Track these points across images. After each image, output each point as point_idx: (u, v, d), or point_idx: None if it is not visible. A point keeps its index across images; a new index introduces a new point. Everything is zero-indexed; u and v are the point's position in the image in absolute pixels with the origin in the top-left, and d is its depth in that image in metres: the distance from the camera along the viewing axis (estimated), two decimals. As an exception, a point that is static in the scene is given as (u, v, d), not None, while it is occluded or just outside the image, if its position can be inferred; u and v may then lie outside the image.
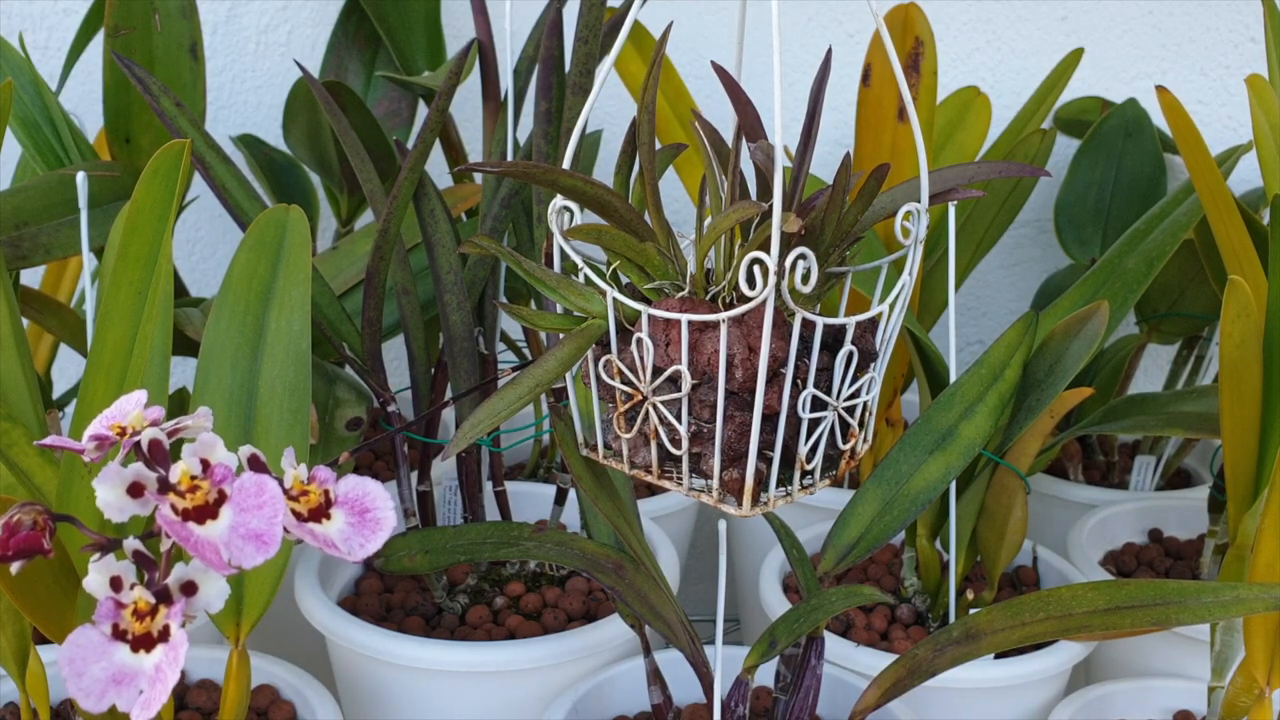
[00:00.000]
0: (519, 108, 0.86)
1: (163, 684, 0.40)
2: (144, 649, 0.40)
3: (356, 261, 0.93)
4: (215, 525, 0.40)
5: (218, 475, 0.41)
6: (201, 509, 0.40)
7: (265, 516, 0.40)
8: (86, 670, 0.40)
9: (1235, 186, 0.92)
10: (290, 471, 0.42)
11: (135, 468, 0.41)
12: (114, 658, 0.40)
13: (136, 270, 0.59)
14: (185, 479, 0.41)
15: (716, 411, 0.50)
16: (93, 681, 0.40)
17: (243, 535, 0.40)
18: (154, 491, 0.41)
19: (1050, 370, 0.78)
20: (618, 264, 0.53)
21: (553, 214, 0.53)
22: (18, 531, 0.41)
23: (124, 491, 0.40)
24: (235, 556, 0.40)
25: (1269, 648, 0.70)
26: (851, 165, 0.51)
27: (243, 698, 0.68)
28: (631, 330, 0.51)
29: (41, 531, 0.41)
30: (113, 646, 0.40)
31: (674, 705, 0.77)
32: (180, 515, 0.40)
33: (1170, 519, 1.06)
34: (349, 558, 0.42)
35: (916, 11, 0.93)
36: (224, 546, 0.40)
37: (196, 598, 0.41)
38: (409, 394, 0.89)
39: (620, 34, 0.52)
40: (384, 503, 0.43)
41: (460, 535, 0.78)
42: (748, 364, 0.49)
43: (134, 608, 0.41)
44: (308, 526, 0.42)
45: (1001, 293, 1.28)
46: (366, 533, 0.42)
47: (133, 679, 0.40)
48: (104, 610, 0.41)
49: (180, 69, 0.88)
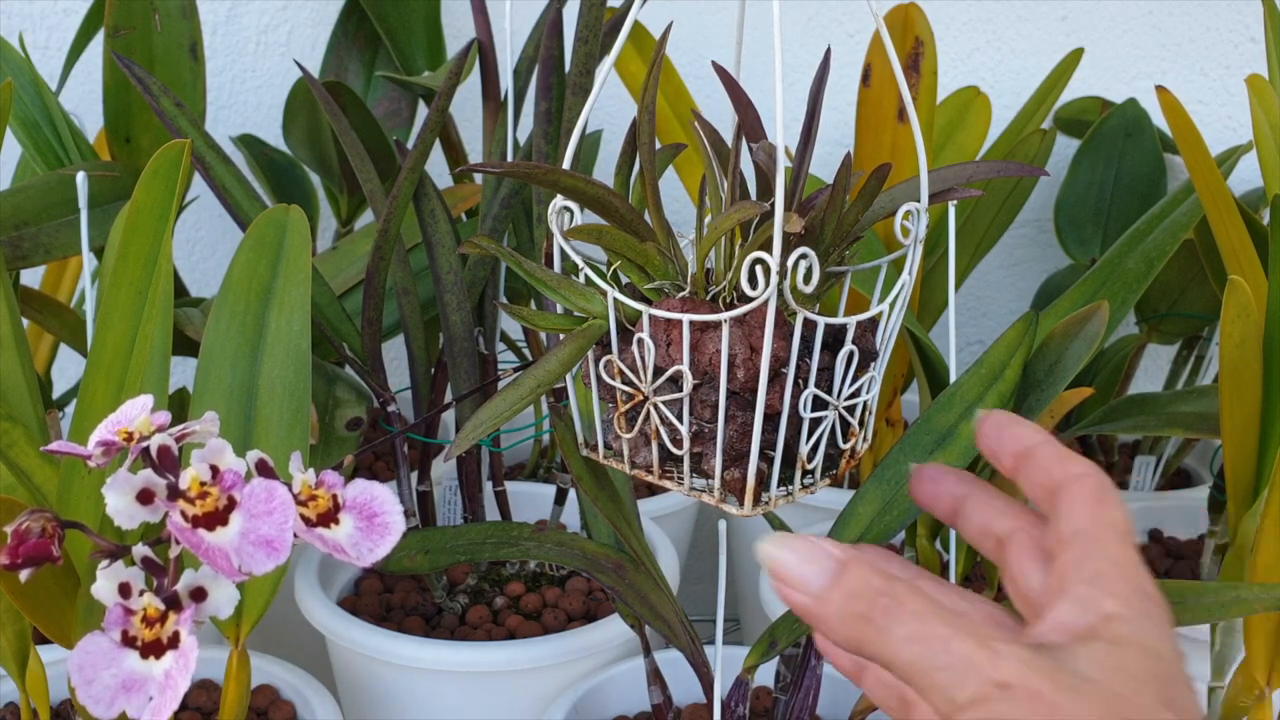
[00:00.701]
0: (519, 108, 0.86)
1: (173, 690, 0.40)
2: (153, 655, 0.40)
3: (356, 261, 0.93)
4: (225, 531, 0.40)
5: (227, 481, 0.41)
6: (211, 515, 0.40)
7: (275, 523, 0.40)
8: (96, 677, 0.40)
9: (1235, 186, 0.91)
10: (298, 476, 0.42)
11: (145, 474, 0.41)
12: (123, 664, 0.40)
13: (136, 270, 0.59)
14: (195, 485, 0.41)
15: (718, 411, 0.50)
16: (102, 688, 0.40)
17: (253, 541, 0.40)
18: (164, 498, 0.41)
19: (1050, 370, 0.78)
20: (618, 264, 0.53)
21: (553, 214, 0.53)
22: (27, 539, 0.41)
23: (134, 498, 0.40)
24: (246, 563, 0.40)
25: (1269, 648, 0.70)
26: (852, 165, 0.51)
27: (243, 698, 0.68)
28: (632, 330, 0.51)
29: (50, 539, 0.41)
30: (122, 653, 0.40)
31: (674, 705, 0.77)
32: (190, 522, 0.40)
33: (1170, 519, 1.06)
34: (358, 562, 0.42)
35: (916, 11, 0.93)
36: (234, 553, 0.40)
37: (206, 603, 0.41)
38: (409, 394, 0.89)
39: (620, 34, 0.52)
40: (392, 507, 0.43)
41: (460, 535, 0.77)
42: (749, 364, 0.49)
43: (143, 614, 0.41)
44: (316, 531, 0.42)
45: (1001, 293, 1.28)
46: (375, 537, 0.42)
47: (142, 685, 0.40)
48: (113, 617, 0.41)
49: (180, 69, 0.88)
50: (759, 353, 0.49)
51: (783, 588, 0.41)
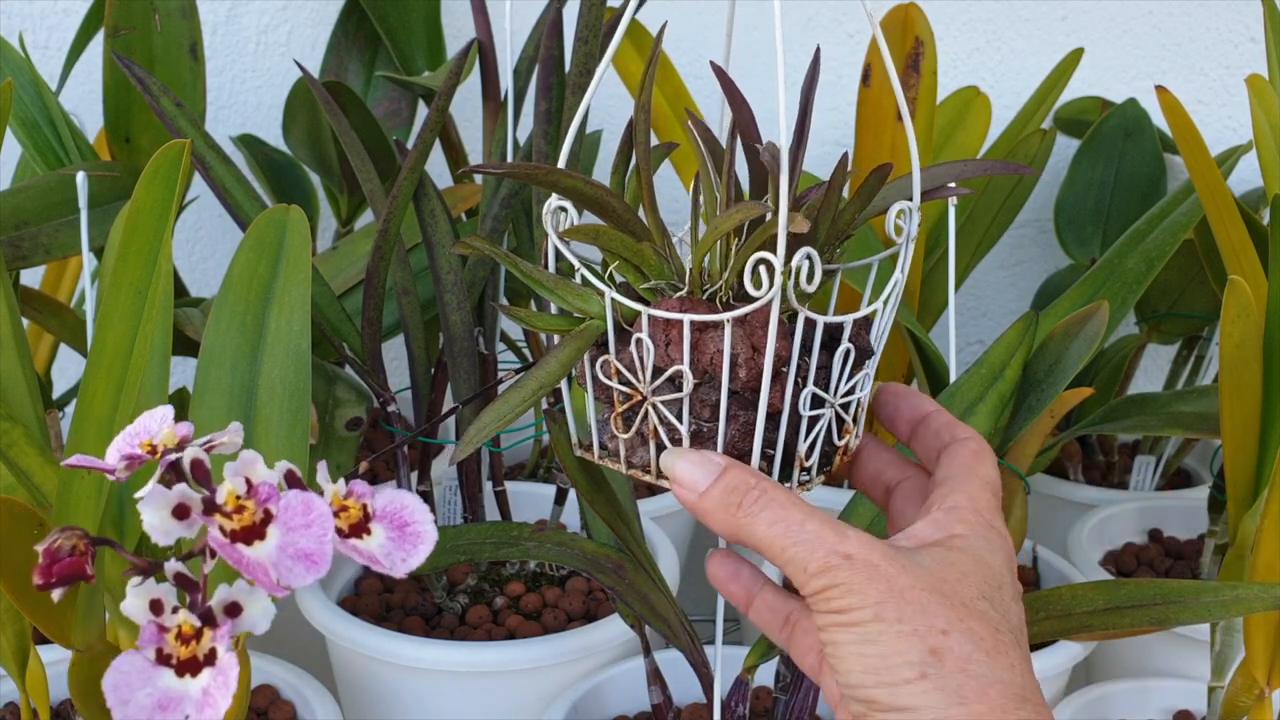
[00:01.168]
0: (519, 108, 0.86)
1: (213, 709, 0.39)
2: (189, 673, 0.40)
3: (356, 261, 0.93)
4: (264, 546, 0.39)
5: (263, 494, 0.40)
6: (249, 530, 0.40)
7: (314, 535, 0.40)
8: (131, 697, 0.39)
9: (1235, 186, 0.92)
10: (328, 487, 0.41)
11: (180, 489, 0.40)
12: (159, 683, 0.39)
13: (136, 270, 0.59)
14: (231, 499, 0.40)
15: (719, 411, 0.50)
16: (138, 708, 0.39)
17: (291, 555, 0.39)
18: (199, 513, 0.40)
19: (1050, 370, 0.78)
20: (615, 264, 0.53)
21: (548, 214, 0.53)
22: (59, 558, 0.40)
23: (169, 514, 0.40)
24: (284, 577, 0.39)
25: (1269, 648, 0.70)
26: (849, 164, 0.51)
27: (243, 698, 0.68)
28: (629, 330, 0.51)
29: (83, 557, 0.41)
30: (157, 672, 0.40)
31: (674, 705, 0.77)
32: (228, 537, 0.39)
33: (1170, 519, 1.06)
34: (393, 572, 0.41)
35: (916, 11, 0.93)
36: (272, 567, 0.39)
37: (241, 618, 0.41)
38: (409, 394, 0.89)
39: (616, 34, 0.52)
40: (423, 515, 0.42)
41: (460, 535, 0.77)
42: (751, 363, 0.49)
43: (177, 631, 0.40)
44: (350, 543, 0.41)
45: (1001, 293, 1.28)
46: (408, 546, 0.42)
47: (179, 704, 0.39)
48: (147, 635, 0.40)
49: (180, 69, 0.88)
50: (761, 352, 0.49)
51: (677, 489, 0.49)
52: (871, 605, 0.44)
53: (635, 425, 0.51)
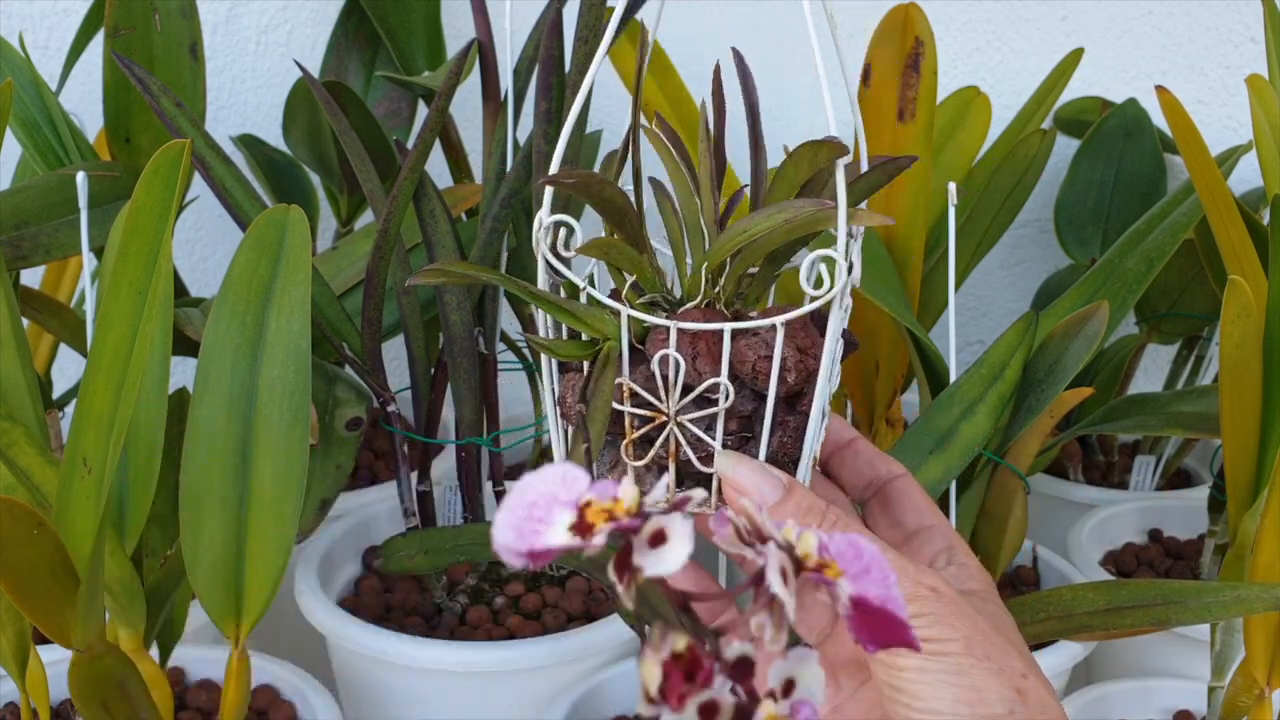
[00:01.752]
0: (519, 108, 0.86)
1: None
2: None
3: (356, 261, 0.92)
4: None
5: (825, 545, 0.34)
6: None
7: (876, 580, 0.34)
8: None
9: (1235, 186, 0.91)
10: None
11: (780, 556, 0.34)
12: None
13: (136, 270, 0.59)
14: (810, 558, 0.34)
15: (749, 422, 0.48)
16: None
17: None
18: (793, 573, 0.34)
19: (1050, 370, 0.78)
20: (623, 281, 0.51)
21: (541, 230, 0.50)
22: None
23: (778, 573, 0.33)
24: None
25: (1269, 648, 0.70)
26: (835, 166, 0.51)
27: (243, 698, 0.68)
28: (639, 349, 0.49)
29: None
30: None
31: (674, 705, 0.77)
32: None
33: (1170, 519, 1.06)
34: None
35: (916, 11, 0.93)
36: None
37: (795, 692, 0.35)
38: (409, 394, 0.89)
39: (607, 34, 0.52)
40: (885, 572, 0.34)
41: (460, 535, 0.78)
42: (801, 366, 0.48)
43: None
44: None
45: (1001, 293, 1.28)
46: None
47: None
48: None
49: (180, 69, 0.88)
50: (808, 354, 0.48)
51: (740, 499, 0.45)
52: (961, 639, 0.45)
53: (654, 449, 0.49)
